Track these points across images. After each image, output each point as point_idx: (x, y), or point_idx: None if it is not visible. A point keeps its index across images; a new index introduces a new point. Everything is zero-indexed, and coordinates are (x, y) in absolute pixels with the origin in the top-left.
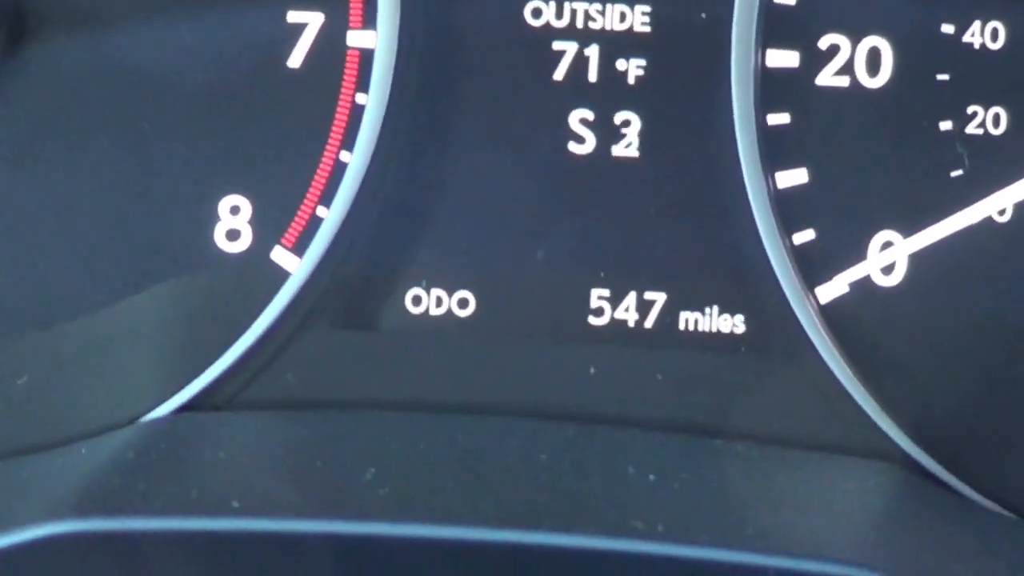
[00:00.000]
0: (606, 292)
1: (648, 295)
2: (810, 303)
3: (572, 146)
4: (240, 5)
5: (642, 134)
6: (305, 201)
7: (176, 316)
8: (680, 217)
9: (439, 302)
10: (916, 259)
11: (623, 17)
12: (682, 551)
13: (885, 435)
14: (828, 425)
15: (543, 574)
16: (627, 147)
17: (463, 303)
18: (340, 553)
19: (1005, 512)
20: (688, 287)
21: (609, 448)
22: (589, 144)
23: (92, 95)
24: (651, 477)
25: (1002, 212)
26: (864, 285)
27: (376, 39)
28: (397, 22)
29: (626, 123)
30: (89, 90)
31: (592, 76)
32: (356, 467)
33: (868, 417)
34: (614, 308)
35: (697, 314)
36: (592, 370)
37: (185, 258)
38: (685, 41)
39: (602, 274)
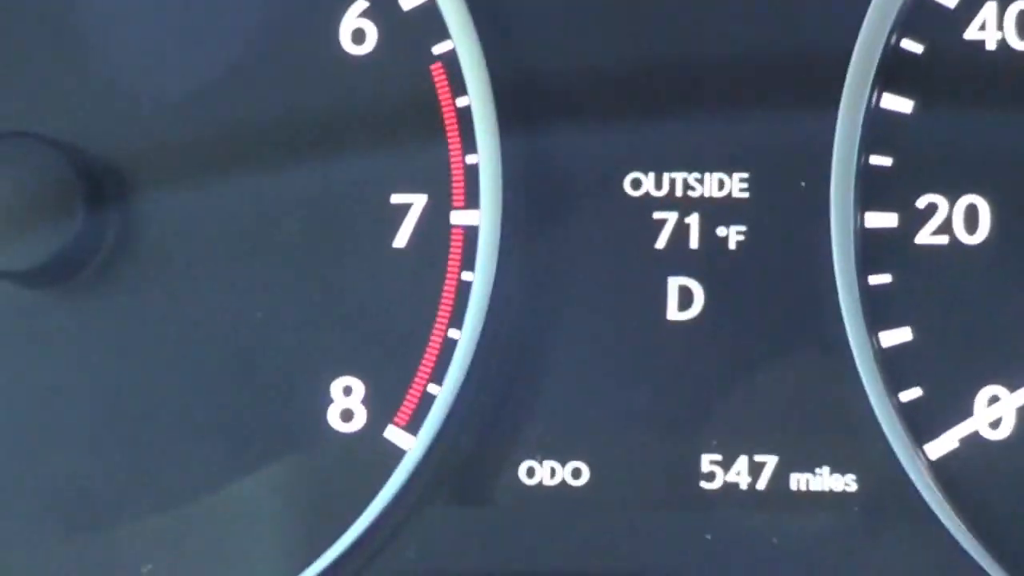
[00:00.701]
0: (717, 457)
1: (759, 458)
2: (920, 460)
3: (673, 313)
4: (344, 188)
5: (746, 300)
6: (416, 379)
7: (294, 497)
8: (787, 380)
9: (552, 473)
10: (1021, 413)
11: (721, 185)
12: None
13: None
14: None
15: None
16: (732, 313)
17: (576, 473)
18: None
19: None
20: (798, 448)
21: None
22: (694, 310)
23: (202, 278)
24: None
25: None
26: (973, 440)
27: (479, 217)
28: (500, 201)
29: (730, 289)
30: (199, 273)
31: (693, 244)
32: None
33: (984, 572)
34: (726, 472)
35: (808, 475)
36: (708, 536)
37: (301, 439)
38: (784, 206)
39: (714, 441)
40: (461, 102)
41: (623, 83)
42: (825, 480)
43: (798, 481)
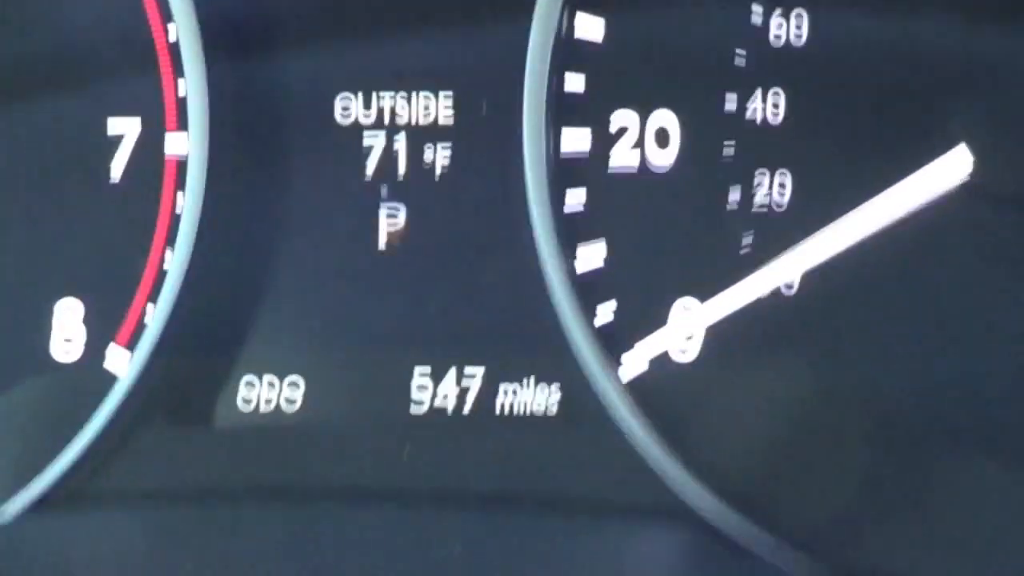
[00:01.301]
0: (427, 369)
1: (468, 370)
2: (613, 377)
3: (382, 236)
4: (64, 118)
5: (447, 221)
6: (134, 302)
7: (15, 419)
8: (491, 299)
9: (269, 391)
10: (709, 333)
11: (427, 108)
12: None
13: (685, 497)
14: (636, 492)
15: None
16: (433, 234)
17: (293, 386)
18: None
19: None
20: (504, 364)
21: (422, 525)
22: (403, 234)
23: None
24: (458, 549)
25: (789, 286)
26: (663, 361)
27: (188, 145)
28: (207, 128)
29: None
30: None
31: (401, 168)
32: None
33: (668, 480)
34: (435, 386)
35: (515, 386)
36: (407, 448)
37: (23, 364)
38: (485, 129)
39: (420, 355)
40: (172, 30)
41: (330, 6)
42: (530, 392)
43: (504, 391)
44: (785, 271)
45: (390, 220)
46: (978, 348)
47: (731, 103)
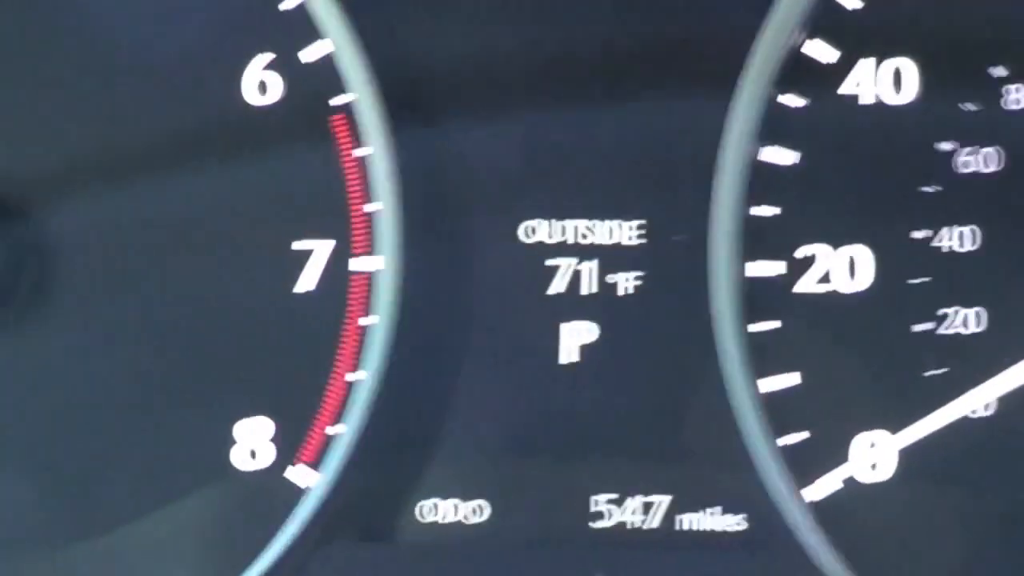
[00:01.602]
0: (610, 496)
1: (651, 498)
2: (799, 503)
3: (565, 357)
4: (248, 234)
5: (631, 342)
6: (319, 419)
7: (201, 535)
8: (676, 423)
9: (455, 511)
10: (902, 455)
11: (613, 232)
12: None
13: None
14: None
15: None
16: (623, 357)
17: (477, 511)
18: None
19: None
20: (689, 489)
21: None
22: (585, 355)
23: (110, 325)
24: None
25: (987, 407)
26: (851, 483)
27: (379, 263)
28: (400, 248)
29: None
30: (107, 320)
31: (585, 289)
32: None
33: None
34: (619, 511)
35: (698, 515)
36: (599, 574)
37: (206, 478)
38: (673, 254)
39: (602, 479)
40: (360, 152)
41: (520, 141)
42: (715, 520)
43: (688, 521)
44: (983, 398)
45: (572, 339)
46: None
47: (922, 233)
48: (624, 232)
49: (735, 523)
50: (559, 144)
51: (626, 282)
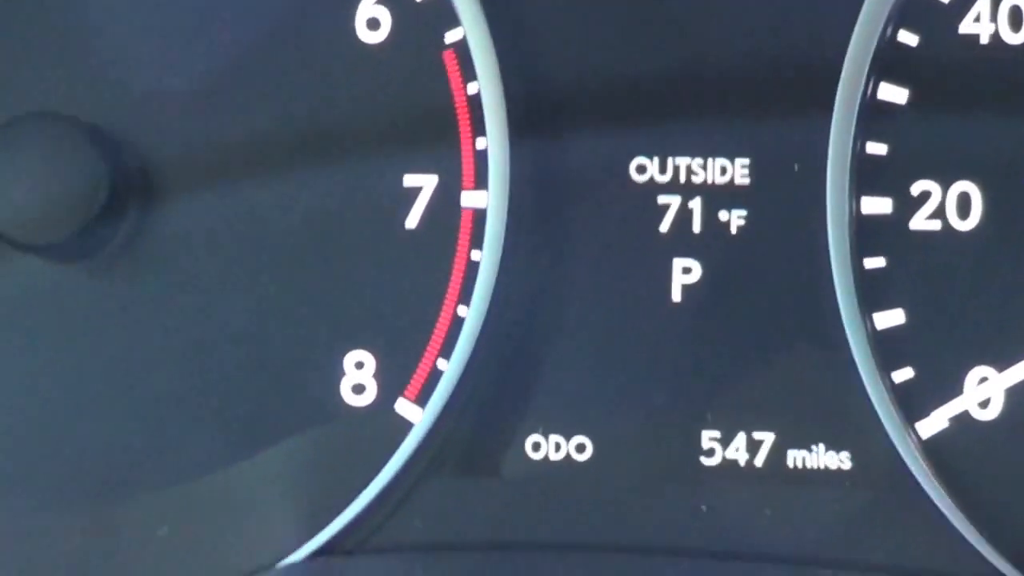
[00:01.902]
0: (716, 433)
1: (757, 435)
2: (912, 439)
3: (676, 295)
4: (360, 171)
5: (742, 280)
6: (426, 355)
7: (306, 468)
8: (785, 360)
9: (557, 448)
10: (1012, 393)
11: (724, 170)
12: None
13: (988, 563)
14: (933, 556)
15: None
16: (733, 295)
17: (581, 448)
18: None
19: None
20: (795, 426)
21: None
22: (696, 293)
23: (219, 257)
24: None
25: None
26: (963, 420)
27: (487, 199)
28: (507, 184)
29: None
30: (216, 252)
31: (696, 228)
32: None
33: (971, 546)
34: (724, 448)
35: (804, 452)
36: (704, 507)
37: (314, 412)
38: (783, 192)
39: (713, 418)
40: (471, 88)
41: (628, 73)
42: (820, 457)
43: (794, 458)
44: None
45: (684, 276)
46: None
47: None
48: (735, 170)
49: (840, 461)
50: (670, 80)
51: (737, 220)
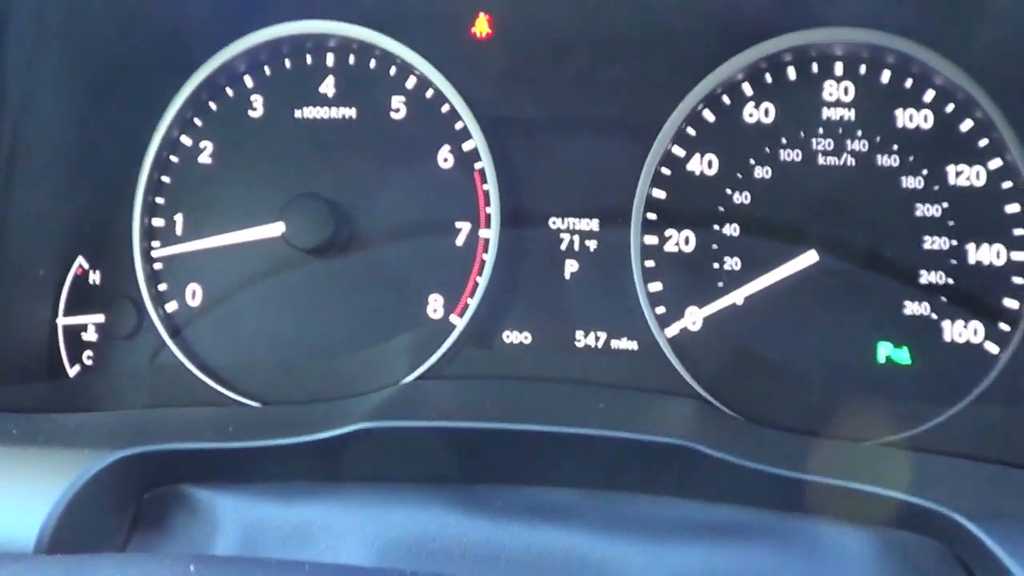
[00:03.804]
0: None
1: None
2: (662, 335)
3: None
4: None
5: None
6: (471, 277)
7: (408, 345)
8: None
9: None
10: (708, 319)
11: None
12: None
13: (693, 389)
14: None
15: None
16: None
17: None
18: None
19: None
20: (596, 323)
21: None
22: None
23: (379, 255)
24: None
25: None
26: (685, 331)
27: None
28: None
29: None
30: (379, 254)
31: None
32: None
33: (683, 379)
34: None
35: (617, 339)
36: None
37: (406, 325)
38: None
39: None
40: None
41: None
42: (617, 343)
43: (595, 339)
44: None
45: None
46: None
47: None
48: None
49: (628, 345)
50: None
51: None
